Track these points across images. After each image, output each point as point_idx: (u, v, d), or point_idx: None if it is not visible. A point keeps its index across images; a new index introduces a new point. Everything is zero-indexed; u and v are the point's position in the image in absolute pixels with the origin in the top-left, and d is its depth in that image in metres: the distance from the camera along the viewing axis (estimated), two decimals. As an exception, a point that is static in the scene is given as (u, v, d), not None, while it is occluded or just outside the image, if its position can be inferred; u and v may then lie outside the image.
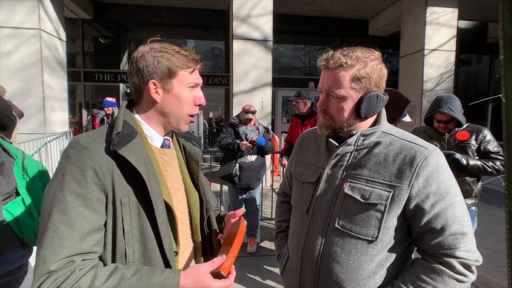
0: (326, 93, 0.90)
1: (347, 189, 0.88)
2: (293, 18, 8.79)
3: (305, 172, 1.03)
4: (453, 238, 0.80)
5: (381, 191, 0.84)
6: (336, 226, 0.88)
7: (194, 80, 0.84)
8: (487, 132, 2.11)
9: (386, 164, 0.86)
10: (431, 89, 6.50)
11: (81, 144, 0.73)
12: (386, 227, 0.84)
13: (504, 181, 1.19)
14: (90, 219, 0.69)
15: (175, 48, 0.83)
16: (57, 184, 0.70)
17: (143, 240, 0.75)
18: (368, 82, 0.86)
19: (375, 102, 0.87)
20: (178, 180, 0.91)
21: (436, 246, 0.82)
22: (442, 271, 0.80)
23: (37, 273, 0.65)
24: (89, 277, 0.66)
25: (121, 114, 0.80)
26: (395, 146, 0.87)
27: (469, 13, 7.68)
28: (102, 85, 8.98)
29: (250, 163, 3.28)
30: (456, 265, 0.80)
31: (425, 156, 0.83)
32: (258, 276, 2.84)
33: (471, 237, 0.82)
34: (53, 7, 5.50)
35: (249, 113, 3.28)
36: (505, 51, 1.07)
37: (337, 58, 0.85)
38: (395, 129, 0.95)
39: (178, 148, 0.96)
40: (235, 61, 5.53)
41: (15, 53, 5.03)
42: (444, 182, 0.83)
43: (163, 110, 0.83)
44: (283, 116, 9.41)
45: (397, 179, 0.83)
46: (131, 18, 8.46)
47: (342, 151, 0.91)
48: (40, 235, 0.68)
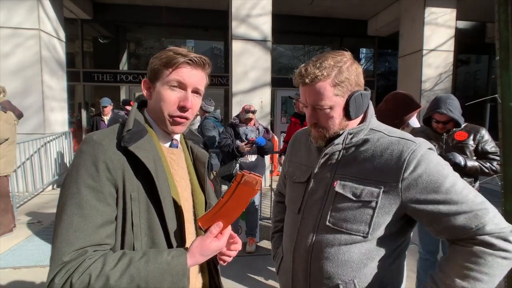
0: (312, 107, 0.90)
1: (338, 187, 0.88)
2: (292, 18, 8.80)
3: (296, 172, 1.04)
4: (475, 215, 0.76)
5: (372, 188, 0.84)
6: (327, 224, 0.89)
7: (174, 77, 0.80)
8: (485, 132, 2.12)
9: (374, 160, 0.85)
10: (429, 89, 6.52)
11: (94, 140, 0.76)
12: (377, 223, 0.84)
13: (501, 180, 1.21)
14: (102, 212, 0.72)
15: (177, 50, 0.82)
16: (71, 178, 0.73)
17: (151, 235, 0.77)
18: (349, 84, 0.86)
19: (361, 100, 0.88)
20: (185, 180, 0.92)
21: (461, 229, 0.77)
22: (483, 252, 0.75)
23: (52, 264, 0.68)
24: (99, 264, 0.68)
25: (132, 113, 0.85)
26: (382, 142, 0.87)
27: (468, 13, 7.70)
28: (101, 85, 8.97)
29: (250, 163, 3.29)
30: (493, 241, 0.74)
31: (412, 150, 0.82)
32: (258, 276, 2.84)
33: (491, 208, 0.78)
34: (52, 8, 5.50)
35: (250, 112, 3.28)
36: (501, 51, 1.09)
37: (312, 73, 0.85)
38: (384, 126, 0.94)
39: (186, 150, 0.98)
40: (235, 61, 5.53)
41: (14, 53, 5.03)
42: (435, 168, 0.80)
43: (153, 107, 0.86)
44: (282, 116, 9.42)
45: (386, 174, 0.83)
46: (130, 18, 8.46)
47: (331, 150, 0.92)
48: (55, 227, 0.70)
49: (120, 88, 9.07)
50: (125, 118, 3.96)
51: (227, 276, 2.76)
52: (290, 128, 3.69)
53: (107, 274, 0.66)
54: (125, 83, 8.83)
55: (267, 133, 3.46)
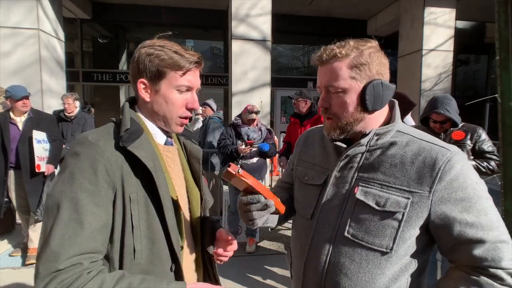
0: (326, 89, 0.82)
1: (359, 194, 0.80)
2: (292, 18, 8.80)
3: (309, 173, 0.95)
4: (495, 248, 0.71)
5: (398, 198, 0.75)
6: (346, 235, 0.80)
7: (184, 82, 0.81)
8: (482, 131, 2.13)
9: (403, 167, 0.77)
10: (429, 89, 6.53)
11: (89, 140, 0.72)
12: (402, 238, 0.75)
13: (500, 179, 1.21)
14: (99, 217, 0.69)
15: (173, 47, 0.81)
16: (66, 181, 0.69)
17: (150, 236, 0.76)
18: (369, 70, 0.78)
19: (381, 91, 0.78)
20: (180, 177, 0.92)
21: (477, 259, 0.72)
22: (490, 284, 0.71)
23: (42, 271, 0.63)
24: (97, 282, 0.65)
25: (126, 111, 0.81)
26: (412, 147, 0.78)
27: (467, 13, 7.71)
28: (101, 85, 8.97)
29: (251, 164, 3.27)
30: (505, 276, 0.70)
31: (448, 159, 0.74)
32: (258, 276, 2.84)
33: (509, 240, 0.73)
34: (52, 7, 5.48)
35: (253, 113, 3.23)
36: (500, 51, 1.09)
37: (330, 50, 0.80)
38: (411, 128, 0.86)
39: (180, 146, 0.98)
40: (234, 61, 5.53)
41: (13, 53, 5.02)
42: (471, 186, 0.73)
43: (153, 109, 0.83)
44: (282, 116, 9.42)
45: (416, 184, 0.74)
46: (129, 18, 8.45)
47: (353, 151, 0.83)
48: (46, 232, 0.66)
49: (120, 88, 9.06)
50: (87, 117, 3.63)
51: (227, 276, 2.76)
52: (289, 128, 3.68)
53: None
54: (125, 83, 8.82)
55: (269, 134, 3.42)
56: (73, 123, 4.00)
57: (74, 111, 4.01)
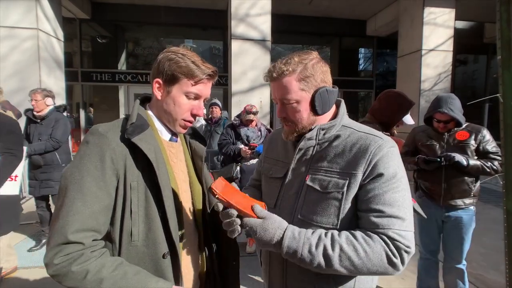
0: (281, 102, 0.94)
1: (309, 181, 0.93)
2: (291, 18, 8.80)
3: (273, 168, 1.08)
4: (388, 220, 0.82)
5: (338, 180, 0.87)
6: (299, 217, 0.92)
7: (194, 91, 0.90)
8: (486, 132, 2.11)
9: (344, 154, 0.90)
10: (428, 89, 6.53)
11: (99, 131, 0.82)
12: (344, 214, 0.87)
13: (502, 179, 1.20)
14: (101, 199, 0.77)
15: (192, 57, 0.89)
16: (75, 166, 0.78)
17: (147, 222, 0.83)
18: (314, 80, 0.90)
19: (327, 96, 0.92)
20: (183, 172, 0.99)
21: (372, 225, 0.83)
22: (378, 240, 0.81)
23: (52, 242, 0.72)
24: (98, 264, 0.74)
25: (135, 107, 0.91)
26: (352, 138, 0.91)
27: (466, 13, 7.72)
28: (100, 85, 8.95)
29: (251, 165, 3.25)
30: (389, 242, 0.80)
31: (378, 145, 0.86)
32: (258, 276, 2.84)
33: (407, 224, 0.83)
34: (51, 7, 5.47)
35: (251, 113, 3.20)
36: (502, 51, 1.08)
37: (279, 68, 0.90)
38: (354, 122, 0.99)
39: (185, 144, 1.05)
40: (233, 61, 5.52)
41: (12, 53, 5.01)
42: (392, 167, 0.85)
43: (163, 107, 0.92)
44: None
45: (352, 167, 0.87)
46: (129, 17, 8.44)
47: (304, 145, 0.96)
48: (57, 209, 0.76)
49: (119, 88, 9.04)
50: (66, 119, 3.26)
51: (227, 276, 2.75)
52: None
53: (102, 278, 0.72)
54: (124, 82, 8.80)
55: (269, 134, 3.41)
56: (42, 125, 3.15)
57: (43, 110, 3.17)
